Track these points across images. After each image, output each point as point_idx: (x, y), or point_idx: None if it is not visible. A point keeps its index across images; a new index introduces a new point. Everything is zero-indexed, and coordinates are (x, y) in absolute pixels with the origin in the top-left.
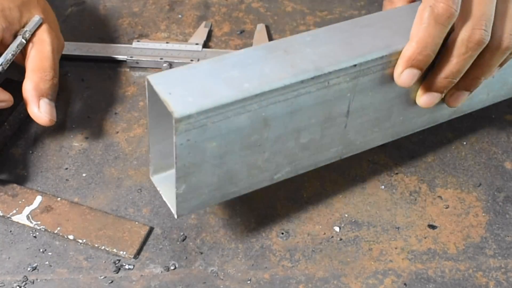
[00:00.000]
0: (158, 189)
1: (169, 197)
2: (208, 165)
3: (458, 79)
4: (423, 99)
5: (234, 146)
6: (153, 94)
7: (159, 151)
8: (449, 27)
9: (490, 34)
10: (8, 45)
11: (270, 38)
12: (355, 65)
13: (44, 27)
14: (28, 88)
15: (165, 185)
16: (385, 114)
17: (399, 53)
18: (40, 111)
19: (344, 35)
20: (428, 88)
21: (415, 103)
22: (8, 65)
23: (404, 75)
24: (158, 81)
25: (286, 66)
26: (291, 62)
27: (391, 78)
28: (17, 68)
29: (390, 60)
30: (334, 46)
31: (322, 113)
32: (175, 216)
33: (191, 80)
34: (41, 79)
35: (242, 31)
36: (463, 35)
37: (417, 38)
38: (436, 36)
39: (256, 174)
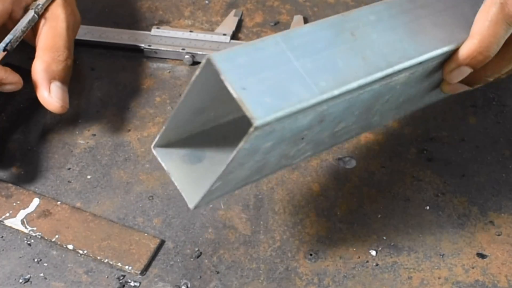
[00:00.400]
0: (164, 166)
1: (187, 186)
2: (252, 162)
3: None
4: (451, 88)
5: (283, 143)
6: (210, 73)
7: (180, 124)
8: None
9: None
10: (18, 20)
11: None
12: (420, 63)
13: (58, 1)
14: (38, 69)
15: (178, 166)
16: (409, 99)
17: (457, 48)
18: (51, 96)
19: (406, 18)
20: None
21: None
22: (17, 43)
23: (455, 72)
24: (226, 67)
25: (358, 58)
26: (362, 53)
27: (437, 69)
28: (19, 52)
29: (446, 53)
30: (400, 34)
31: (368, 104)
32: (191, 208)
33: (261, 68)
34: (54, 60)
35: (276, 23)
36: None
37: (480, 36)
38: (501, 37)
39: (282, 162)
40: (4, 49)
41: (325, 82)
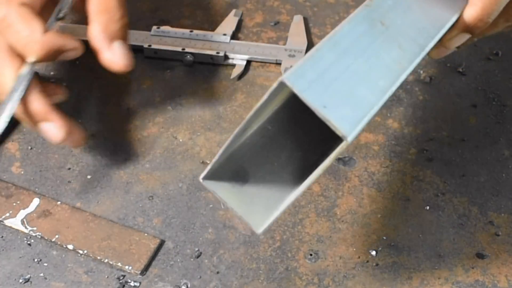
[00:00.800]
0: (219, 196)
1: (246, 210)
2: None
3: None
4: (441, 52)
5: None
6: (280, 93)
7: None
8: None
9: None
10: None
11: (308, 32)
12: (440, 37)
13: None
14: (96, 32)
15: (230, 192)
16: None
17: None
18: (115, 56)
19: None
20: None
21: None
22: (69, 11)
23: (456, 39)
24: (302, 87)
25: (395, 48)
26: (397, 41)
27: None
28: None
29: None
30: (417, 13)
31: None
32: (259, 232)
33: (329, 80)
34: (110, 20)
35: (276, 23)
36: None
37: (481, 3)
38: (502, 3)
39: None
40: (58, 18)
41: (383, 80)
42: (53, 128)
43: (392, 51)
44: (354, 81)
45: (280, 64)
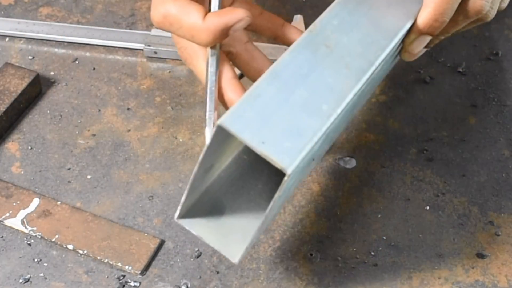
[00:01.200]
0: (194, 233)
1: (222, 243)
2: (282, 200)
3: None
4: (411, 55)
5: (302, 171)
6: (222, 136)
7: (194, 188)
8: None
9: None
10: None
11: None
12: (393, 46)
13: None
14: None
15: (205, 227)
16: (379, 78)
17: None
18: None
19: (363, 8)
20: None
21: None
22: None
23: (416, 43)
24: (239, 128)
25: (342, 68)
26: (343, 61)
27: (400, 43)
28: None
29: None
30: (365, 27)
31: (355, 103)
32: (235, 262)
33: (268, 114)
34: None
35: None
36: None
37: (434, 4)
38: (456, 1)
39: (297, 184)
40: None
41: (327, 104)
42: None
43: (338, 72)
44: (295, 111)
45: None
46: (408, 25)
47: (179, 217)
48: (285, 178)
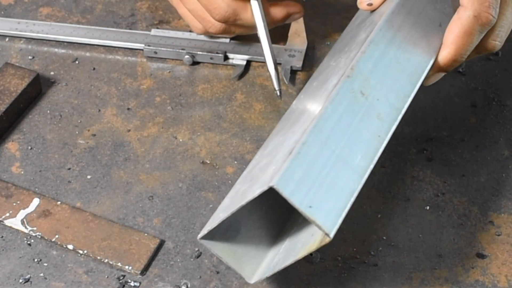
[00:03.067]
0: (217, 254)
1: (239, 262)
2: None
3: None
4: (431, 80)
5: None
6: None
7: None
8: None
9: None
10: None
11: (307, 31)
12: (417, 90)
13: None
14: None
15: (225, 247)
16: None
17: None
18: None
19: (392, 49)
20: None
21: None
22: None
23: (432, 78)
24: (290, 191)
25: (374, 119)
26: (376, 111)
27: None
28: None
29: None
30: (394, 71)
31: None
32: (251, 282)
33: (315, 175)
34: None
35: None
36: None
37: (455, 46)
38: (474, 43)
39: None
40: None
41: (363, 160)
42: None
43: (371, 124)
44: (336, 168)
45: (280, 64)
46: (429, 65)
47: (201, 238)
48: (327, 240)
